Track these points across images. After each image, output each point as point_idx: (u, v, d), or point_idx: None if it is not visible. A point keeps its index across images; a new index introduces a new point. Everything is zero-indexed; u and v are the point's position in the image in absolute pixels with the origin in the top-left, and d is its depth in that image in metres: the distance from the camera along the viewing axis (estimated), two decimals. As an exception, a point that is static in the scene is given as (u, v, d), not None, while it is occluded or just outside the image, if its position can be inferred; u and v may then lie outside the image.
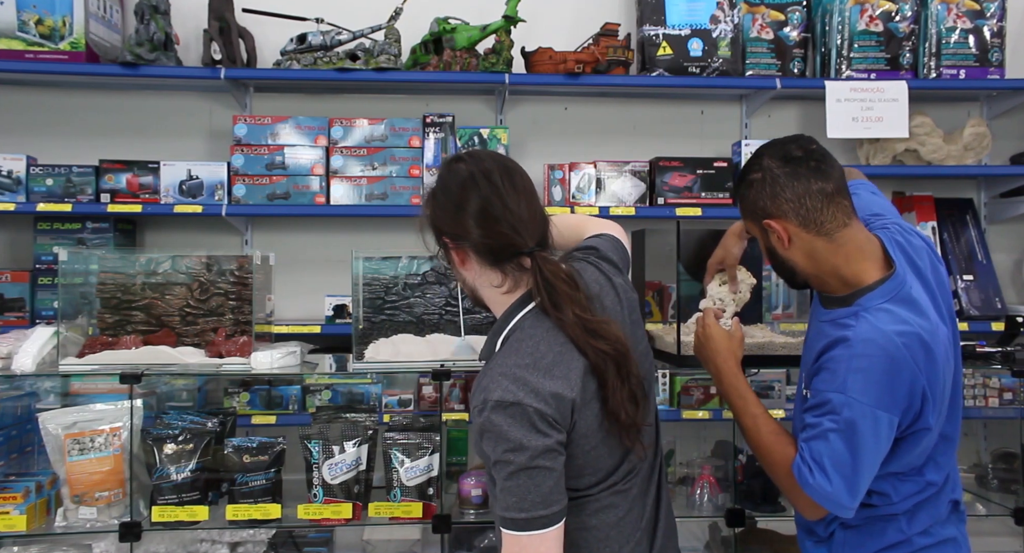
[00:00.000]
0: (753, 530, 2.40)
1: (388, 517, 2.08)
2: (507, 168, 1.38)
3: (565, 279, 1.33)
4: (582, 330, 1.30)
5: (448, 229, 1.38)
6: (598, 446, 1.33)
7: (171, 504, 2.05)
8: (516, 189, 1.36)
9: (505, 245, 1.34)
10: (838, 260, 1.54)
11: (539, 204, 1.40)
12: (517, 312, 1.37)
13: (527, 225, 1.34)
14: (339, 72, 2.94)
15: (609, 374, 1.30)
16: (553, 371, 1.28)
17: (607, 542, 1.36)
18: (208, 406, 2.88)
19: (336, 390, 2.89)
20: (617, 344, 1.31)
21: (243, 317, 2.15)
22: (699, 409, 2.88)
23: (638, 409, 1.32)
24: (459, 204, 1.35)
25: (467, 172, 1.36)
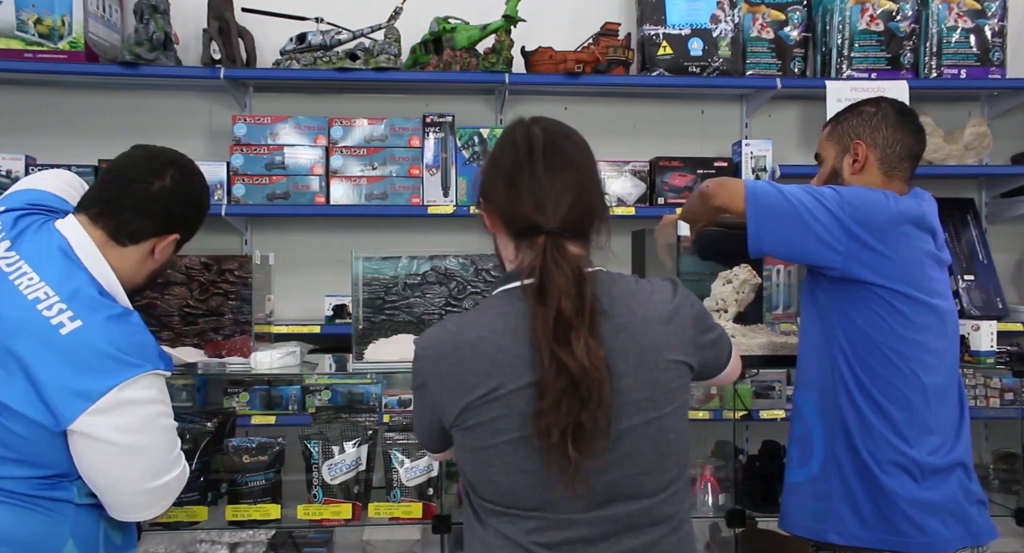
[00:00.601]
0: (753, 530, 2.40)
1: (388, 517, 2.08)
2: (556, 138, 1.30)
3: (567, 271, 1.18)
4: (552, 328, 1.15)
5: (483, 189, 1.31)
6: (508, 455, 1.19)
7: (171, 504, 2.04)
8: (557, 162, 1.25)
9: (521, 217, 1.23)
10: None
11: (587, 187, 1.28)
12: (502, 284, 1.27)
13: (555, 204, 1.22)
14: (339, 72, 2.94)
15: (556, 385, 1.13)
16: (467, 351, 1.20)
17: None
18: (208, 406, 2.87)
19: (336, 390, 2.89)
20: (579, 358, 1.13)
21: (243, 317, 2.14)
22: (699, 409, 2.87)
23: (585, 442, 1.14)
24: (494, 163, 1.31)
25: (512, 135, 1.31)
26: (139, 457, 1.42)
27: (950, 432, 1.73)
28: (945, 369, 1.74)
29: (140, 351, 1.44)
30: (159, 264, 1.62)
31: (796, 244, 1.69)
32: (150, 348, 1.47)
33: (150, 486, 1.44)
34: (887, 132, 1.79)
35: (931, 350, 1.70)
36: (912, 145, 1.80)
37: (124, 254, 1.55)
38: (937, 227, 1.77)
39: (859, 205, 1.67)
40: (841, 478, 1.71)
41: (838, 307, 1.72)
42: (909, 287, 1.68)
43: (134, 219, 1.54)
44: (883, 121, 1.80)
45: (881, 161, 1.79)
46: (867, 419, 1.68)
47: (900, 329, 1.68)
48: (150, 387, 1.44)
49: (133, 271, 1.57)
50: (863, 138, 1.80)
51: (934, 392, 1.70)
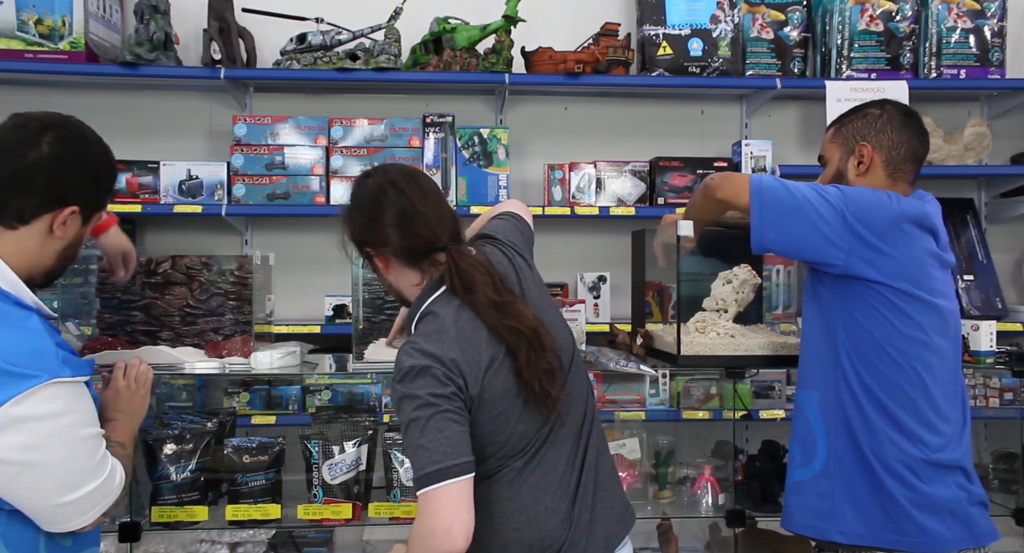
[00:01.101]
0: (753, 530, 2.40)
1: (388, 517, 2.08)
2: (411, 174, 1.54)
3: (479, 266, 1.46)
4: (494, 311, 1.43)
5: (369, 240, 1.52)
6: (507, 412, 1.44)
7: (171, 504, 2.04)
8: (423, 191, 1.51)
9: (422, 243, 1.48)
10: None
11: (446, 203, 1.56)
12: (427, 296, 1.49)
13: (439, 222, 1.49)
14: (339, 72, 2.94)
15: (521, 348, 1.42)
16: (457, 343, 1.40)
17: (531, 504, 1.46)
18: (208, 406, 2.88)
19: (336, 390, 2.89)
20: (526, 321, 1.43)
21: (243, 317, 2.15)
22: (699, 409, 2.88)
23: (555, 379, 1.45)
24: (375, 215, 1.50)
25: (376, 185, 1.52)
26: (44, 474, 1.29)
27: (953, 432, 1.72)
28: (948, 368, 1.74)
29: (33, 360, 1.29)
30: (67, 241, 1.45)
31: (799, 240, 1.70)
32: (47, 354, 1.31)
33: (65, 500, 1.32)
34: (892, 134, 1.80)
35: (934, 349, 1.70)
36: (917, 148, 1.81)
37: (17, 238, 1.39)
38: (940, 228, 1.77)
39: (862, 203, 1.68)
40: (843, 477, 1.71)
41: (840, 305, 1.72)
42: (911, 285, 1.68)
43: (15, 197, 1.38)
44: (888, 123, 1.80)
45: (886, 163, 1.80)
46: (869, 418, 1.68)
47: (902, 327, 1.68)
48: (50, 399, 1.29)
49: (35, 255, 1.41)
50: (868, 140, 1.81)
51: (937, 391, 1.70)
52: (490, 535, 1.46)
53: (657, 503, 2.39)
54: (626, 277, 2.73)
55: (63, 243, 1.45)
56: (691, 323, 2.22)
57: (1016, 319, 3.09)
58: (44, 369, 1.29)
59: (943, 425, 1.70)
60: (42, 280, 1.46)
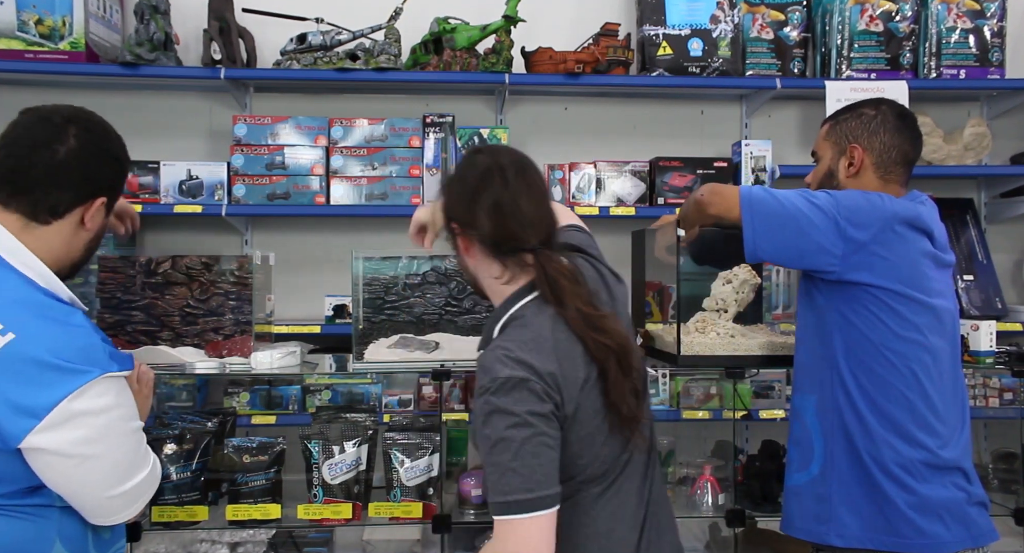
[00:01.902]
0: (753, 530, 2.40)
1: (388, 517, 2.08)
2: (523, 166, 1.43)
3: (568, 275, 1.38)
4: (584, 324, 1.34)
5: (459, 217, 1.42)
6: (594, 434, 1.35)
7: (171, 504, 2.04)
8: (529, 188, 1.41)
9: (510, 240, 1.38)
10: None
11: (549, 205, 1.45)
12: (518, 300, 1.41)
13: (534, 224, 1.39)
14: (339, 72, 2.94)
15: (611, 367, 1.34)
16: (555, 354, 1.32)
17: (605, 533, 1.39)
18: (208, 406, 2.88)
19: (336, 390, 2.89)
20: (619, 338, 1.35)
21: (243, 317, 2.15)
22: (699, 409, 2.88)
23: (639, 402, 1.38)
24: (474, 196, 1.40)
25: (485, 165, 1.42)
26: (99, 466, 1.33)
27: (951, 433, 1.72)
28: (945, 369, 1.73)
29: (85, 356, 1.32)
30: (94, 232, 1.47)
31: (793, 250, 1.70)
32: (97, 350, 1.34)
33: (116, 492, 1.36)
34: (884, 137, 1.79)
35: (930, 350, 1.70)
36: (908, 151, 1.80)
37: (50, 233, 1.40)
38: (935, 228, 1.76)
39: (853, 207, 1.68)
40: (841, 480, 1.71)
41: (835, 309, 1.72)
42: (905, 287, 1.67)
43: (50, 192, 1.38)
44: (881, 125, 1.79)
45: (876, 165, 1.79)
46: (866, 421, 1.68)
47: (897, 329, 1.68)
48: (103, 394, 1.33)
49: (66, 248, 1.43)
50: (860, 142, 1.80)
51: (934, 392, 1.69)
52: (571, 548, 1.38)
53: (657, 503, 2.39)
54: (626, 277, 2.71)
55: (90, 235, 1.47)
56: (691, 323, 2.22)
57: (1016, 319, 3.09)
58: (96, 364, 1.32)
59: (940, 426, 1.69)
60: (69, 272, 1.47)
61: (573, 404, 1.32)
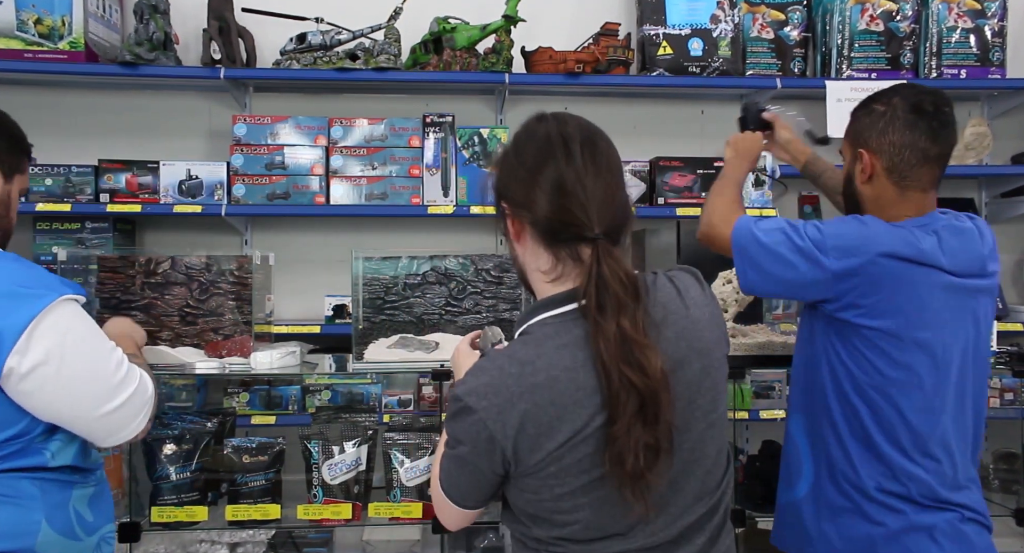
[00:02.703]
0: (753, 530, 2.40)
1: (388, 517, 2.08)
2: (592, 137, 1.22)
3: (624, 281, 1.11)
4: (618, 350, 1.08)
5: (512, 195, 1.20)
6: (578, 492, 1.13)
7: (170, 504, 2.04)
8: (597, 164, 1.18)
9: (568, 225, 1.15)
10: (893, 213, 1.63)
11: (622, 188, 1.21)
12: (549, 309, 1.18)
13: (600, 208, 1.15)
14: (339, 72, 2.94)
15: (627, 409, 1.08)
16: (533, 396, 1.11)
17: None
18: (208, 406, 2.87)
19: (336, 390, 2.89)
20: (651, 373, 1.08)
21: (243, 317, 2.14)
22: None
23: (656, 460, 1.09)
24: (531, 170, 1.18)
25: (546, 134, 1.21)
26: (79, 382, 1.40)
27: (948, 462, 1.59)
28: (938, 404, 1.59)
29: (42, 282, 1.42)
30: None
31: (784, 287, 1.63)
32: (50, 276, 1.45)
33: (106, 409, 1.43)
34: (894, 137, 1.61)
35: (922, 387, 1.57)
36: (928, 148, 1.60)
37: None
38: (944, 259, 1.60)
39: (841, 245, 1.55)
40: (827, 503, 1.64)
41: (826, 338, 1.63)
42: (897, 326, 1.55)
43: None
44: (891, 123, 1.61)
45: (889, 170, 1.62)
46: (850, 452, 1.60)
47: (886, 370, 1.56)
48: (67, 314, 1.41)
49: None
50: (869, 144, 1.64)
51: (925, 426, 1.57)
52: None
53: (657, 503, 2.39)
54: (626, 277, 2.72)
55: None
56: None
57: (1016, 319, 3.09)
58: (52, 289, 1.41)
59: (932, 460, 1.57)
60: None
61: (537, 457, 1.12)
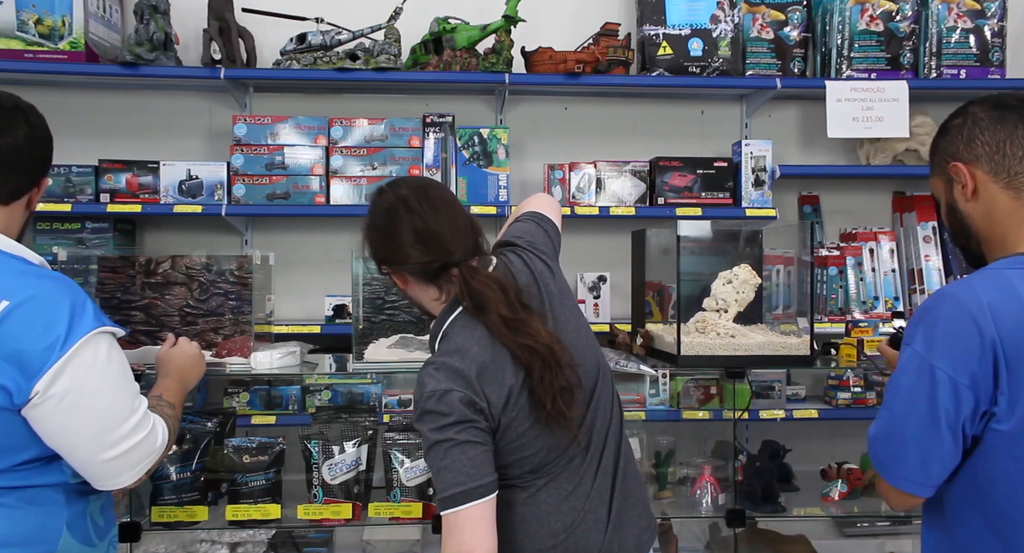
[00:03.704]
0: (754, 530, 2.40)
1: (388, 517, 2.08)
2: (423, 188, 1.52)
3: (491, 284, 1.44)
4: (507, 329, 1.41)
5: (386, 258, 1.53)
6: (530, 431, 1.43)
7: (171, 504, 2.05)
8: (434, 207, 1.48)
9: (434, 262, 1.47)
10: (1011, 224, 1.38)
11: (462, 214, 1.52)
12: (447, 316, 1.49)
13: (452, 238, 1.47)
14: (339, 72, 2.94)
15: (535, 366, 1.40)
16: (478, 363, 1.40)
17: (552, 517, 1.48)
18: (208, 406, 2.87)
19: (336, 390, 2.89)
20: (541, 338, 1.42)
21: (243, 317, 2.15)
22: (699, 409, 2.88)
23: (571, 397, 1.43)
24: (391, 235, 1.49)
25: (388, 203, 1.50)
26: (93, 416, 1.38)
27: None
28: None
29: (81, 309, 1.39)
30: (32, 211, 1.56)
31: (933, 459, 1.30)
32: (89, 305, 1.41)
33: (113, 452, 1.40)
34: (985, 136, 1.42)
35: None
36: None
37: (7, 214, 1.47)
38: None
39: (952, 358, 1.26)
40: None
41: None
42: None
43: (10, 177, 1.45)
44: (975, 126, 1.44)
45: (994, 173, 1.40)
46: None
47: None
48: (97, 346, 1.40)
49: (17, 226, 1.51)
50: (961, 156, 1.43)
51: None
52: (526, 540, 1.48)
53: (657, 503, 2.39)
54: (626, 277, 2.73)
55: (29, 213, 1.55)
56: (691, 323, 2.22)
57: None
58: (91, 319, 1.39)
59: None
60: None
61: (504, 407, 1.40)
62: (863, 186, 3.37)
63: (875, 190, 3.36)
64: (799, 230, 2.67)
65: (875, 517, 2.58)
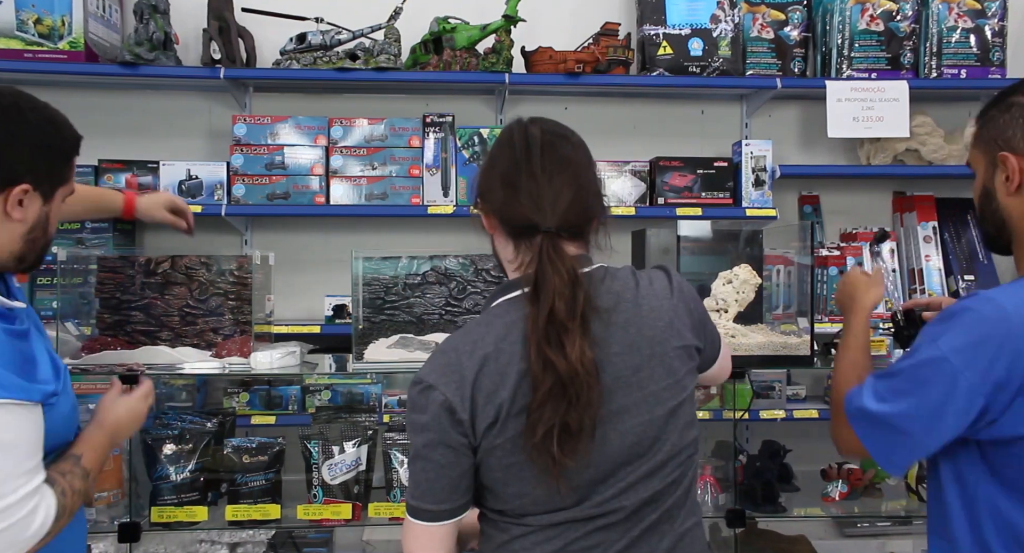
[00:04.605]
0: (754, 530, 2.40)
1: (388, 517, 2.08)
2: (554, 139, 1.31)
3: (563, 272, 1.20)
4: (544, 332, 1.16)
5: (483, 191, 1.32)
6: (515, 465, 1.20)
7: (170, 505, 2.04)
8: (555, 161, 1.26)
9: (520, 217, 1.24)
10: None
11: (587, 187, 1.30)
12: (502, 294, 1.28)
13: (552, 204, 1.23)
14: (339, 72, 2.94)
15: (543, 386, 1.15)
16: (485, 365, 1.19)
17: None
18: (208, 406, 2.87)
19: (336, 390, 2.89)
20: (574, 362, 1.15)
21: (243, 317, 2.14)
22: (699, 409, 2.87)
23: (574, 443, 1.16)
24: (491, 163, 1.31)
25: (510, 137, 1.31)
26: None
27: None
28: None
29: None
30: (30, 223, 1.34)
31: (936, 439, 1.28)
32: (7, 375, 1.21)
33: None
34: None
35: None
36: None
37: None
38: None
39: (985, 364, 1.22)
40: None
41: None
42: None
43: None
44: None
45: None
46: None
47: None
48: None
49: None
50: (1015, 145, 1.31)
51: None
52: None
53: (657, 503, 2.39)
54: (626, 277, 2.72)
55: (25, 226, 1.34)
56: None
57: None
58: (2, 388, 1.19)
59: None
60: (14, 266, 1.36)
61: (491, 425, 1.18)
62: (863, 186, 3.37)
63: (875, 190, 3.36)
64: (799, 230, 2.67)
65: (875, 517, 2.57)
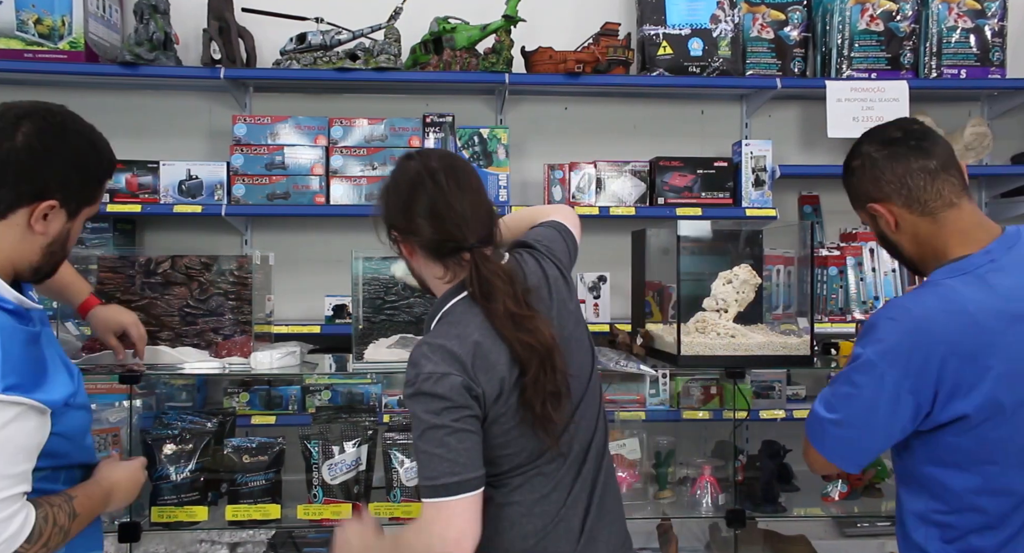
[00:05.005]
0: (754, 530, 2.40)
1: (388, 517, 2.08)
2: (453, 167, 1.47)
3: (501, 275, 1.41)
4: (510, 322, 1.38)
5: (398, 224, 1.47)
6: (514, 429, 1.41)
7: (170, 505, 2.04)
8: (461, 188, 1.44)
9: (448, 241, 1.43)
10: (939, 243, 1.49)
11: (485, 202, 1.48)
12: (452, 297, 1.46)
13: (470, 223, 1.42)
14: (339, 72, 2.94)
15: (531, 366, 1.38)
16: (477, 350, 1.37)
17: (525, 519, 1.46)
18: (208, 406, 2.87)
19: (336, 390, 2.89)
20: (544, 338, 1.39)
21: (243, 317, 2.14)
22: (699, 409, 2.88)
23: (559, 403, 1.41)
24: (408, 202, 1.44)
25: (415, 171, 1.45)
26: None
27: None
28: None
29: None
30: (52, 237, 1.37)
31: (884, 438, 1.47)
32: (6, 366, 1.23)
33: None
34: (887, 176, 1.50)
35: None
36: (924, 163, 1.48)
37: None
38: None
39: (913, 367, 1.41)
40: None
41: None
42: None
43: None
44: (875, 167, 1.52)
45: (908, 206, 1.49)
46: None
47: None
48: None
49: (16, 250, 1.35)
50: (874, 197, 1.53)
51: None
52: (496, 539, 1.45)
53: (657, 503, 2.39)
54: (626, 277, 2.73)
55: (46, 239, 1.37)
56: (691, 323, 2.22)
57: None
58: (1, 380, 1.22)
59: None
60: (29, 276, 1.39)
61: (496, 399, 1.37)
62: (863, 186, 3.37)
63: (875, 190, 3.36)
64: (799, 230, 2.67)
65: (875, 517, 2.57)
